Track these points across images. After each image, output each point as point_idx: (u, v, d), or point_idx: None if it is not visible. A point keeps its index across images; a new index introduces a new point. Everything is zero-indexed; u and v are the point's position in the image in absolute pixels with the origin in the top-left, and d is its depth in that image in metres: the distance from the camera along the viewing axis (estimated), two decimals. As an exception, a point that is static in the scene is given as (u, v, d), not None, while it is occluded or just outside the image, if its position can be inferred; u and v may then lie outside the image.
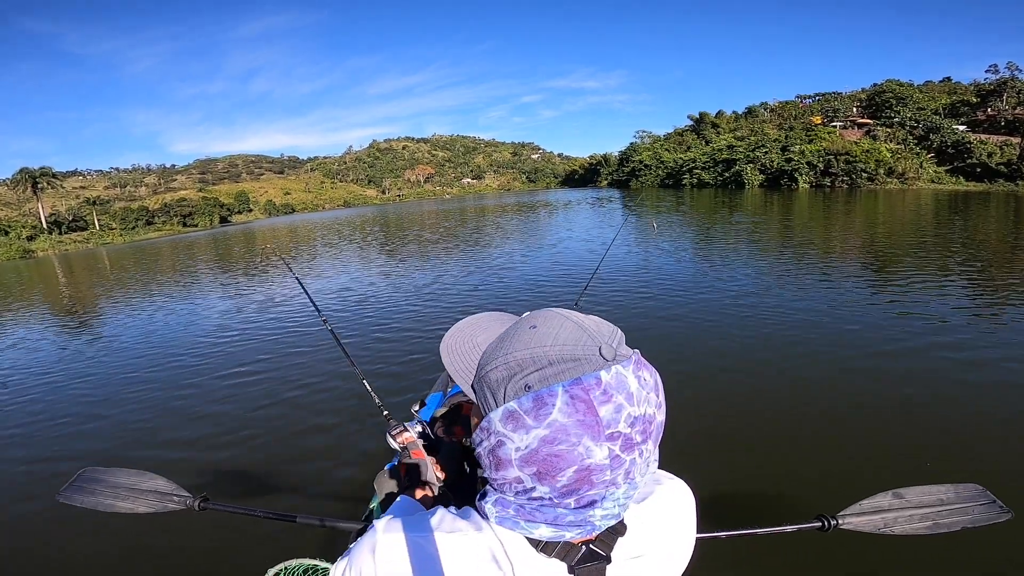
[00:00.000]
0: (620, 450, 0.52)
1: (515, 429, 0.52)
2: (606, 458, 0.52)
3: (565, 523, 0.56)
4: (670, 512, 0.67)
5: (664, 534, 0.65)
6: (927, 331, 5.79)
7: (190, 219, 79.04)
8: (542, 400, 0.51)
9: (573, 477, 0.52)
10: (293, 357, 6.47)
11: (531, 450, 0.52)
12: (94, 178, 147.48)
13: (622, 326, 0.58)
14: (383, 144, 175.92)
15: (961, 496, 1.35)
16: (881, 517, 1.32)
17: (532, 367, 0.53)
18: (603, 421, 0.51)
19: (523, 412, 0.52)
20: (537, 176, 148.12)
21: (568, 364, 0.52)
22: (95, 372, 6.89)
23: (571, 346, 0.53)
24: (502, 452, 0.54)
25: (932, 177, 43.84)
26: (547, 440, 0.51)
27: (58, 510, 3.24)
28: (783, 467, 3.44)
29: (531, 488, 0.54)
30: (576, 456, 0.51)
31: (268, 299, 10.74)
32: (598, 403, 0.50)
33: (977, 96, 54.17)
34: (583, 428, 0.50)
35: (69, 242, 55.74)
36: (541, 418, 0.51)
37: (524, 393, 0.52)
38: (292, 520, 1.40)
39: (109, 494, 1.42)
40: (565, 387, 0.51)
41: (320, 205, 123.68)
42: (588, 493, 0.54)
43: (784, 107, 77.16)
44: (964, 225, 15.73)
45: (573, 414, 0.50)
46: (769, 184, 50.83)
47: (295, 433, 4.35)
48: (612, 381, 0.51)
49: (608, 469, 0.52)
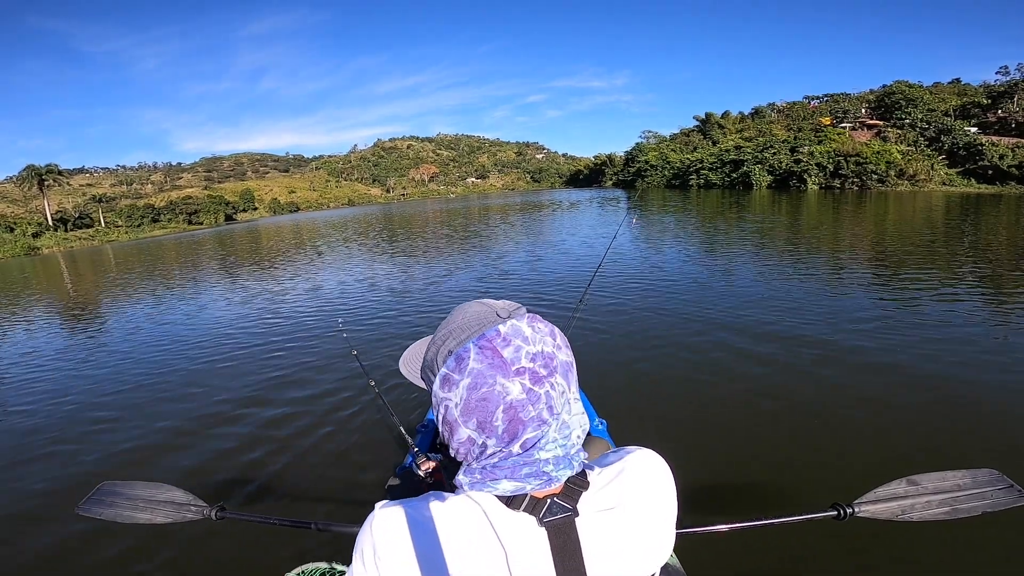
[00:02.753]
0: (530, 383, 0.63)
1: (450, 388, 0.65)
2: (522, 392, 0.63)
3: (522, 475, 0.65)
4: (638, 471, 0.73)
5: (634, 490, 0.71)
6: (940, 330, 5.70)
7: (195, 217, 79.25)
8: (460, 357, 0.65)
9: (504, 419, 0.63)
10: (308, 364, 6.26)
11: (464, 400, 0.64)
12: (101, 176, 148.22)
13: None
14: (388, 143, 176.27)
15: (978, 481, 1.33)
16: (898, 504, 1.31)
17: (451, 338, 0.68)
18: (508, 360, 0.63)
19: (451, 371, 0.65)
20: (541, 176, 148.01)
21: (474, 327, 0.67)
22: (101, 376, 6.67)
23: (475, 316, 0.69)
24: (449, 415, 0.66)
25: (943, 179, 43.29)
26: (471, 387, 0.63)
27: (76, 522, 3.13)
28: (793, 458, 3.43)
29: (482, 446, 0.65)
30: (497, 395, 0.62)
31: (284, 304, 10.49)
32: (500, 347, 0.64)
33: (988, 98, 53.41)
34: (494, 369, 0.63)
35: (74, 239, 55.78)
36: (463, 370, 0.64)
37: (448, 357, 0.66)
38: (308, 527, 1.42)
39: (128, 506, 1.45)
40: (474, 342, 0.65)
41: (325, 204, 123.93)
42: (525, 435, 0.63)
43: (792, 108, 76.53)
44: (976, 230, 15.37)
45: (484, 359, 0.63)
46: (778, 185, 50.35)
47: (310, 441, 4.25)
48: (509, 331, 0.66)
49: (528, 403, 0.63)
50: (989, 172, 41.30)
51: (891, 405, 4.06)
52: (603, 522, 0.68)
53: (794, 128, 63.50)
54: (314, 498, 3.47)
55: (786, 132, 62.09)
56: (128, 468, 4.13)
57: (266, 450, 4.13)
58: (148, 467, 4.10)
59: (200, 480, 3.80)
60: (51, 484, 4.00)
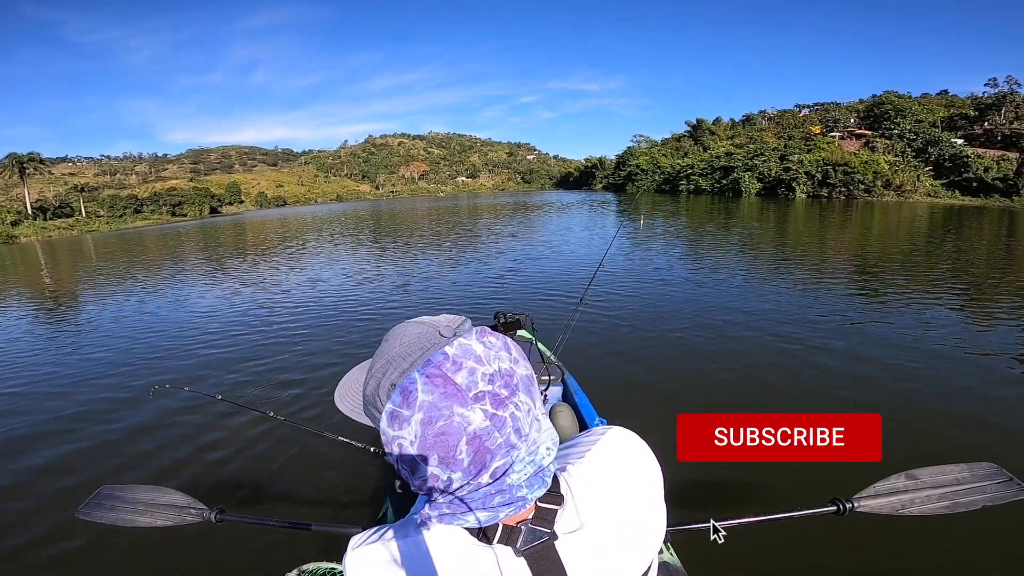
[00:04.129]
0: (493, 407, 0.57)
1: (400, 426, 0.57)
2: (484, 420, 0.56)
3: (495, 504, 0.58)
4: (609, 466, 0.68)
5: (608, 493, 0.66)
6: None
7: (179, 209, 78.07)
8: (407, 389, 0.56)
9: (470, 451, 0.56)
10: (306, 364, 6.08)
11: (420, 437, 0.56)
12: (84, 165, 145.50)
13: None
14: (379, 140, 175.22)
15: (976, 475, 1.33)
16: (898, 499, 1.30)
17: (391, 368, 0.59)
18: (462, 386, 0.56)
19: (398, 407, 0.57)
20: (532, 177, 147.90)
21: (416, 353, 0.58)
22: (79, 373, 6.32)
23: (415, 340, 0.60)
24: (404, 454, 0.58)
25: (929, 191, 43.80)
26: (425, 421, 0.55)
27: (75, 526, 3.05)
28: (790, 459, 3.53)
29: (448, 480, 0.58)
30: (457, 426, 0.55)
31: (280, 297, 10.30)
32: (452, 372, 0.56)
33: (975, 110, 54.16)
34: (448, 399, 0.55)
35: (53, 228, 54.55)
36: (412, 405, 0.56)
37: (392, 391, 0.57)
38: (307, 528, 1.48)
39: (128, 510, 1.45)
40: (419, 371, 0.56)
41: (313, 199, 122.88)
42: (494, 464, 0.57)
43: (782, 116, 77.23)
44: (957, 244, 15.59)
45: (435, 390, 0.55)
46: (766, 193, 50.63)
47: (308, 442, 4.14)
48: (458, 352, 0.58)
49: (494, 430, 0.56)
50: (973, 184, 41.85)
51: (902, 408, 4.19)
52: (584, 537, 0.63)
53: (784, 136, 63.95)
54: (312, 499, 3.46)
55: (776, 140, 62.51)
56: (125, 472, 3.98)
57: (265, 451, 4.06)
58: (143, 470, 4.00)
59: (198, 482, 3.76)
60: (49, 487, 3.84)
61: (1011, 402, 4.35)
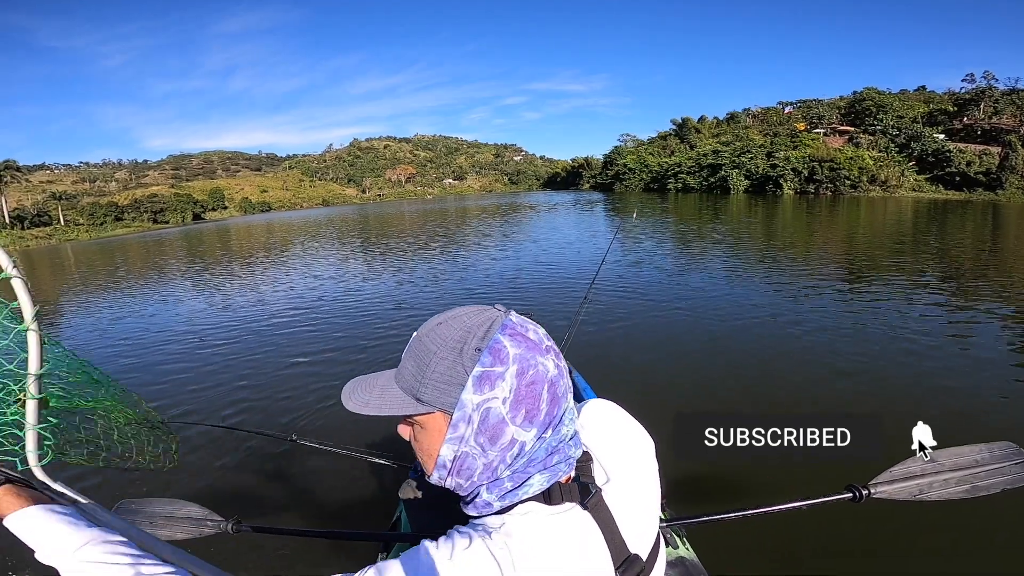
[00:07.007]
0: (555, 359, 0.64)
1: (492, 385, 0.59)
2: (555, 368, 0.63)
3: (554, 463, 0.64)
4: (604, 424, 0.77)
5: (613, 447, 0.74)
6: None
7: (161, 216, 76.90)
8: (495, 349, 0.60)
9: (548, 398, 0.62)
10: (313, 371, 6.02)
11: (515, 390, 0.60)
12: (62, 173, 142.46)
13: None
14: (364, 143, 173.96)
15: (995, 456, 1.29)
16: (916, 483, 1.27)
17: (470, 336, 0.61)
18: (535, 341, 0.62)
19: (489, 367, 0.59)
20: (519, 178, 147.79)
21: (488, 320, 0.63)
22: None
23: (477, 315, 0.64)
24: (493, 416, 0.60)
25: (913, 185, 44.35)
26: (520, 372, 0.60)
27: None
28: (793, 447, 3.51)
29: (521, 444, 0.61)
30: (541, 373, 0.61)
31: (285, 302, 10.16)
32: (524, 332, 0.62)
33: (954, 105, 55.02)
34: (532, 350, 0.61)
35: (31, 238, 53.38)
36: (505, 360, 0.59)
37: (479, 355, 0.60)
38: (323, 536, 1.56)
39: (146, 524, 1.43)
40: (500, 332, 0.61)
41: (298, 204, 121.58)
42: (557, 413, 0.63)
43: (767, 113, 77.87)
44: (942, 237, 15.88)
45: (520, 343, 0.61)
46: (754, 190, 50.97)
47: (320, 450, 3.91)
48: (516, 319, 0.64)
49: (561, 378, 0.63)
50: (957, 179, 42.45)
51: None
52: (615, 488, 0.69)
53: (770, 133, 64.44)
54: (327, 507, 3.47)
55: (762, 137, 62.95)
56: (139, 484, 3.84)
57: (275, 468, 4.02)
58: (161, 482, 3.86)
59: (215, 497, 3.69)
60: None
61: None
